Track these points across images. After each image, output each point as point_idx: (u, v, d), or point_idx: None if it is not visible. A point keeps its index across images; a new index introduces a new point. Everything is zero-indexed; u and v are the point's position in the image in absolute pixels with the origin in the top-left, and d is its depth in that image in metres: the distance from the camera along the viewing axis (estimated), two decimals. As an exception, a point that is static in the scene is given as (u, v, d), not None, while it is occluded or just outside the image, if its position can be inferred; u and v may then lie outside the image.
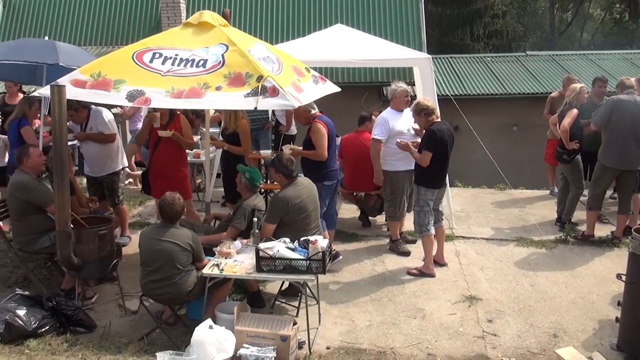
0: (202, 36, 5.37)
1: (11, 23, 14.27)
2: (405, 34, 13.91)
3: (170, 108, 6.08)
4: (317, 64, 7.24)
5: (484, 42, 28.22)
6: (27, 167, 5.50)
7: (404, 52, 8.10)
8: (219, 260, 4.74)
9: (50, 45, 6.34)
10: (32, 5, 14.36)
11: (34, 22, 14.19)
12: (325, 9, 13.97)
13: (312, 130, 6.18)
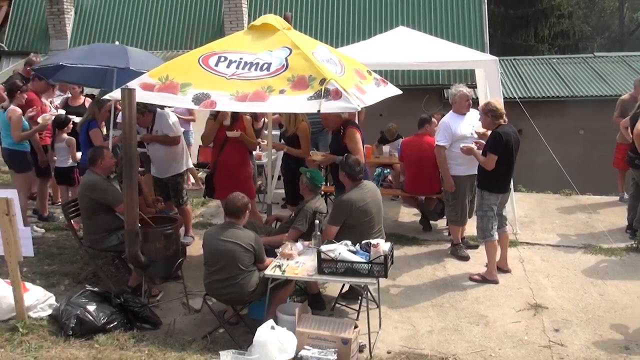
0: (266, 40, 5.43)
1: (83, 28, 14.85)
2: (468, 35, 13.69)
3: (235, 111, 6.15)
4: (379, 67, 7.21)
5: (549, 44, 27.43)
6: (99, 168, 5.69)
7: (468, 54, 7.97)
8: (281, 262, 4.79)
9: (121, 50, 6.56)
10: (102, 11, 14.91)
11: (103, 27, 14.73)
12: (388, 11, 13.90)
13: (347, 136, 6.08)
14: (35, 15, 15.35)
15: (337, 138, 6.25)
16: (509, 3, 26.59)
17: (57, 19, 14.62)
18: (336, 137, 6.26)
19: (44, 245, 6.58)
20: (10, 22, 15.45)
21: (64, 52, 7.46)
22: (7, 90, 6.97)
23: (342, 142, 6.08)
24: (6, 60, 14.94)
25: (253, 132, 6.76)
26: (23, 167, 7.05)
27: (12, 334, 4.50)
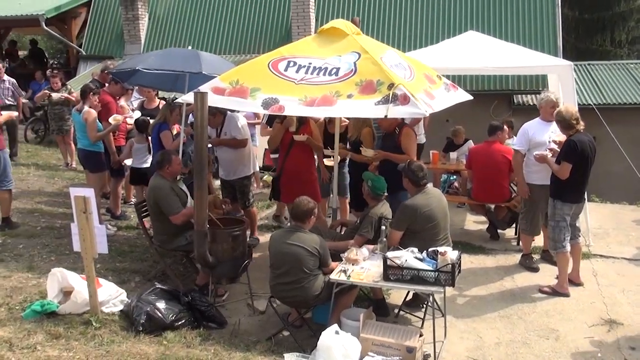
0: (335, 44, 5.44)
1: (156, 33, 15.33)
2: (540, 40, 13.30)
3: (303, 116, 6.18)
4: (448, 72, 7.11)
5: (627, 48, 26.30)
6: (166, 173, 5.82)
7: (540, 59, 7.76)
8: (346, 267, 4.77)
9: (193, 55, 6.72)
10: (174, 16, 15.34)
11: (176, 32, 15.15)
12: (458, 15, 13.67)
13: (403, 134, 6.05)
14: (111, 21, 15.96)
15: (391, 138, 6.18)
16: (583, 6, 25.67)
17: (132, 24, 15.15)
18: (390, 137, 6.20)
19: (116, 243, 6.80)
20: (88, 28, 16.12)
21: (140, 57, 7.70)
22: (80, 93, 7.27)
23: (397, 142, 6.04)
24: (83, 64, 15.58)
25: (320, 137, 6.77)
26: (97, 167, 7.33)
27: (86, 327, 4.66)
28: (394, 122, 6.05)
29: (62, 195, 8.81)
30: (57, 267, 5.19)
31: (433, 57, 7.16)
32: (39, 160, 11.39)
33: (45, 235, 6.85)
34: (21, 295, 5.13)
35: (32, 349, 4.20)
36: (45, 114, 12.38)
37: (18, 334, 4.39)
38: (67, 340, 4.42)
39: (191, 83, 6.58)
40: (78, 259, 5.93)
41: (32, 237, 6.71)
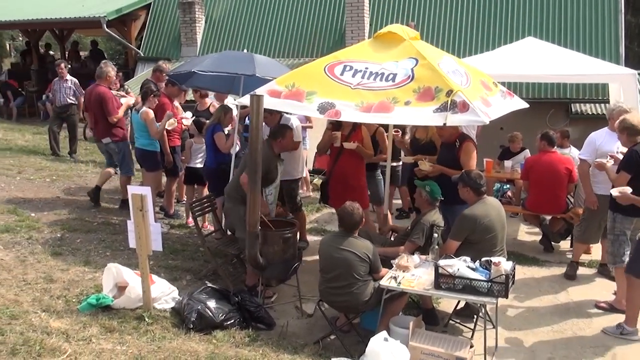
0: (392, 50, 5.40)
1: (212, 36, 15.59)
2: (601, 47, 12.90)
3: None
4: (505, 79, 6.99)
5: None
6: (276, 144, 5.91)
7: (602, 67, 7.55)
8: (397, 274, 4.73)
9: (248, 58, 6.80)
10: (230, 20, 15.57)
11: (231, 35, 15.37)
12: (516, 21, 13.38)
13: (464, 149, 5.88)
14: (169, 23, 16.32)
15: (450, 150, 6.03)
16: (647, 13, 24.82)
17: (189, 27, 15.45)
18: (449, 149, 6.05)
19: (169, 241, 6.93)
20: (147, 30, 16.53)
21: (196, 60, 7.84)
22: (141, 94, 7.44)
23: (456, 155, 5.91)
24: (141, 66, 15.97)
25: (371, 143, 6.72)
26: (153, 166, 7.49)
27: (138, 322, 4.76)
28: (455, 133, 5.95)
29: (117, 192, 9.03)
30: (112, 262, 5.33)
31: (490, 63, 7.05)
32: (97, 157, 11.69)
33: (101, 231, 7.03)
34: (78, 289, 5.27)
35: (87, 341, 4.30)
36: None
37: (74, 326, 4.51)
38: (121, 334, 4.52)
39: (246, 85, 6.67)
40: (132, 255, 6.08)
41: (89, 232, 6.90)
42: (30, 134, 13.77)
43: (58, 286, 5.26)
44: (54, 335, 4.24)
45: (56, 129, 11.24)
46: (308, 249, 7.04)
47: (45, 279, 5.34)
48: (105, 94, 7.81)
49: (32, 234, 6.51)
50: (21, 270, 5.47)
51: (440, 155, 6.18)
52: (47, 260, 5.85)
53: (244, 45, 14.73)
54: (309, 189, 9.58)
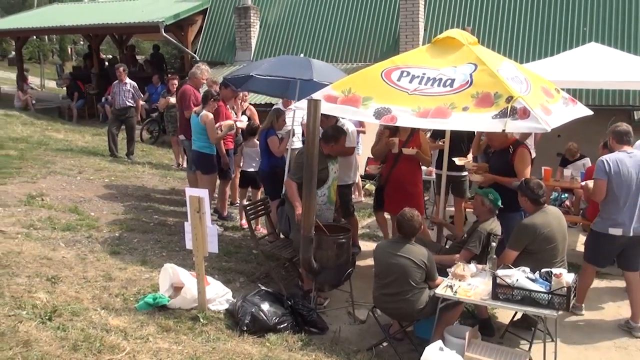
0: (450, 55, 5.34)
1: (266, 40, 15.74)
2: (666, 53, 12.42)
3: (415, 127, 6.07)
4: (566, 85, 6.79)
5: None
6: (326, 148, 5.81)
7: (668, 73, 7.25)
8: (453, 282, 4.66)
9: (305, 62, 6.84)
10: (285, 24, 15.69)
11: (285, 39, 15.49)
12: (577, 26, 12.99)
13: (518, 155, 5.75)
14: (224, 28, 16.56)
15: (503, 157, 5.91)
16: None
17: (244, 31, 15.65)
18: (501, 156, 5.92)
19: (223, 243, 7.00)
20: (202, 35, 16.83)
21: (254, 64, 7.95)
22: (202, 97, 7.58)
23: (510, 162, 5.78)
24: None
25: (429, 150, 6.64)
26: (209, 169, 7.61)
27: (193, 323, 4.82)
28: (506, 140, 5.83)
29: (173, 193, 9.23)
30: (168, 263, 5.42)
31: (551, 69, 6.87)
32: (153, 159, 12.00)
33: (157, 231, 7.18)
34: (135, 288, 5.38)
35: (144, 339, 4.38)
36: (161, 115, 13.05)
37: (132, 324, 4.60)
38: (177, 334, 4.59)
39: (302, 90, 6.69)
40: (187, 256, 6.19)
41: (146, 233, 7.05)
42: (90, 135, 14.21)
43: (116, 284, 5.38)
44: (113, 333, 4.34)
45: (115, 130, 11.55)
46: (360, 255, 7.00)
47: (105, 277, 5.48)
48: (185, 91, 8.35)
49: (92, 233, 6.70)
50: (81, 268, 5.62)
51: (492, 162, 6.07)
52: (106, 258, 6.00)
53: (297, 50, 14.82)
54: (361, 194, 9.55)
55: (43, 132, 13.57)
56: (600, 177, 5.29)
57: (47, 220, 6.78)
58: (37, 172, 9.03)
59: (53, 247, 6.02)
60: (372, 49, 14.40)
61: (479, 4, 13.91)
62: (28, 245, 5.88)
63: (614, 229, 5.26)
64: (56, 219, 6.91)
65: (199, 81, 8.52)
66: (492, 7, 13.78)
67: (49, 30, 20.37)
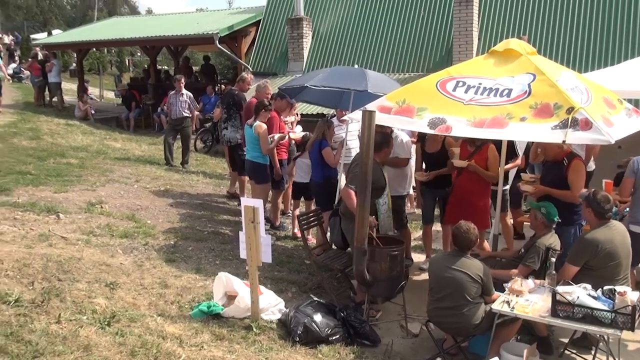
0: (508, 65, 5.27)
1: (319, 51, 15.82)
2: None
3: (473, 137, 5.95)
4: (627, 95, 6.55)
5: None
6: (377, 154, 5.75)
7: None
8: (510, 298, 4.54)
9: (360, 73, 6.84)
10: (337, 35, 15.74)
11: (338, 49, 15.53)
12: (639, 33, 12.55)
13: (572, 167, 5.58)
14: (277, 39, 16.74)
15: (556, 169, 5.73)
16: None
17: (297, 42, 15.78)
18: (555, 168, 5.74)
19: (275, 253, 6.98)
20: (256, 46, 17.05)
21: (308, 75, 7.99)
22: (254, 108, 7.66)
23: (564, 174, 5.61)
24: (250, 80, 16.46)
25: (497, 164, 6.46)
26: (263, 179, 7.68)
27: (247, 332, 4.86)
28: (560, 152, 5.67)
29: (226, 202, 9.35)
30: (222, 271, 5.49)
31: (613, 78, 6.65)
32: (207, 168, 12.20)
33: (211, 240, 7.28)
34: (190, 295, 5.47)
35: (199, 347, 4.44)
36: (214, 125, 13.27)
37: (187, 332, 4.67)
38: (230, 342, 4.63)
39: (356, 101, 6.69)
40: (240, 265, 6.25)
41: (200, 241, 7.16)
42: (146, 144, 14.57)
43: (172, 292, 5.47)
44: (169, 340, 4.41)
45: (171, 140, 11.80)
46: (412, 267, 6.92)
47: (160, 284, 5.58)
48: (250, 105, 8.36)
49: (148, 240, 6.84)
50: (138, 275, 5.75)
51: (544, 175, 5.92)
52: (162, 266, 6.11)
53: (350, 60, 14.83)
54: (414, 206, 9.46)
55: (102, 141, 13.99)
56: (628, 175, 5.47)
57: (106, 228, 6.97)
58: (96, 180, 9.30)
59: (111, 253, 6.18)
60: (425, 59, 14.28)
61: (535, 12, 13.61)
62: (88, 251, 6.05)
63: (635, 225, 5.33)
64: (114, 226, 7.09)
65: (264, 94, 8.58)
66: (548, 15, 13.45)
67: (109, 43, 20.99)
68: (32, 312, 4.40)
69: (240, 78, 9.69)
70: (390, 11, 15.31)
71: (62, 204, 7.59)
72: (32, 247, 5.88)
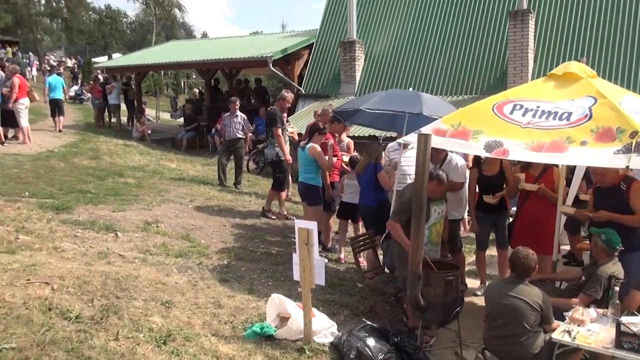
0: (567, 88, 5.18)
1: (371, 73, 15.91)
2: None
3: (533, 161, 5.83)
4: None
5: None
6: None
7: None
8: (571, 327, 4.40)
9: (415, 96, 6.83)
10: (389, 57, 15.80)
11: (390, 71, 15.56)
12: None
13: (633, 190, 5.36)
14: (330, 62, 16.92)
15: (613, 195, 5.51)
16: None
17: (349, 65, 15.91)
18: (612, 194, 5.53)
19: (326, 275, 6.93)
20: (308, 68, 17.27)
21: (363, 97, 8.03)
22: (309, 130, 7.73)
23: (625, 199, 5.41)
24: (302, 102, 16.66)
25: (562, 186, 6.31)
26: (315, 201, 7.71)
27: (299, 354, 4.84)
28: (617, 177, 5.48)
29: (278, 224, 9.41)
30: (274, 293, 5.51)
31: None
32: (259, 189, 12.32)
33: (263, 261, 7.33)
34: (243, 316, 5.50)
35: (252, 368, 4.46)
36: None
37: (240, 352, 4.69)
38: (283, 364, 4.63)
39: (410, 124, 6.67)
40: (292, 286, 6.26)
41: (253, 262, 7.22)
42: (200, 165, 14.86)
43: (225, 312, 5.52)
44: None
45: (225, 161, 12.00)
46: (466, 293, 6.78)
47: (214, 304, 5.64)
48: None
49: (202, 260, 6.93)
50: (193, 294, 5.82)
51: (601, 202, 5.66)
52: (216, 286, 6.18)
53: (402, 82, 14.85)
54: (467, 229, 9.30)
55: (158, 162, 14.36)
56: None
57: (162, 246, 7.11)
58: (152, 199, 9.52)
59: (167, 272, 6.28)
60: (479, 82, 14.16)
61: (594, 33, 13.34)
62: (144, 269, 6.18)
63: None
64: (170, 245, 7.23)
65: (323, 118, 8.67)
66: (607, 36, 13.16)
67: (166, 66, 21.67)
68: (92, 329, 4.50)
69: (280, 96, 9.93)
70: (443, 33, 15.30)
71: (120, 222, 7.79)
72: (92, 264, 6.05)
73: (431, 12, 15.77)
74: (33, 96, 14.14)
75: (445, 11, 15.55)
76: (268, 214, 9.61)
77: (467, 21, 15.05)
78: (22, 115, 13.62)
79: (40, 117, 18.60)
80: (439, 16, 15.58)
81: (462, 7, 15.30)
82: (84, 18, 59.36)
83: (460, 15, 15.24)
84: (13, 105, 13.25)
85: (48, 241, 6.55)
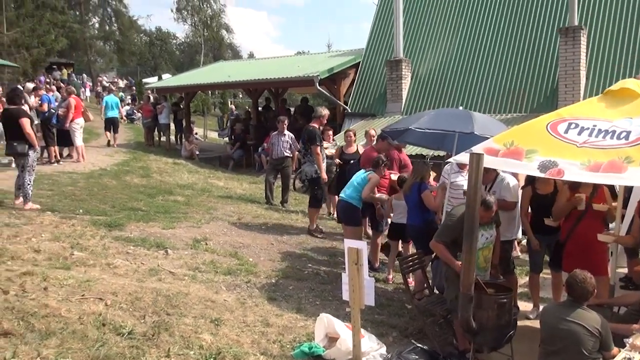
0: (625, 106, 5.05)
1: (417, 92, 15.83)
2: None
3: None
4: None
5: None
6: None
7: None
8: (632, 354, 4.22)
9: (466, 115, 6.74)
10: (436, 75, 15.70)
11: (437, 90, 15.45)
12: None
13: None
14: (376, 80, 16.93)
15: None
16: None
17: (395, 84, 15.87)
18: None
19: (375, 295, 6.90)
20: (354, 87, 17.31)
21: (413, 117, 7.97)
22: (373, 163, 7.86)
23: None
24: (348, 121, 16.69)
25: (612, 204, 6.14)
26: (353, 222, 7.70)
27: (348, 376, 4.80)
28: None
29: (325, 242, 9.40)
30: (322, 312, 5.49)
31: None
32: (305, 207, 12.30)
33: (311, 280, 7.31)
34: (291, 335, 5.49)
35: (301, 388, 4.43)
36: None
37: (289, 372, 4.69)
38: (332, 385, 4.59)
39: (460, 143, 6.59)
40: (340, 306, 6.23)
41: (300, 280, 7.21)
42: (247, 183, 15.02)
43: (274, 330, 5.52)
44: (272, 379, 4.44)
45: (272, 179, 12.08)
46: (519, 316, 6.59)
47: (263, 323, 5.65)
48: (370, 155, 8.53)
49: (250, 278, 6.97)
50: (241, 312, 5.85)
51: None
52: (264, 304, 6.20)
53: (448, 101, 14.73)
54: (518, 250, 9.09)
55: (206, 180, 14.58)
56: None
57: (211, 264, 7.18)
58: (201, 217, 9.66)
59: (216, 290, 6.34)
60: (528, 99, 13.92)
61: (648, 50, 12.99)
62: (194, 287, 6.24)
63: None
64: (218, 262, 7.30)
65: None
66: (663, 53, 12.81)
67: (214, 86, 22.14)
68: (144, 345, 4.57)
69: (318, 114, 10.05)
70: (491, 51, 15.13)
71: (170, 239, 7.92)
72: (143, 281, 6.15)
73: (479, 29, 15.63)
74: (87, 116, 14.64)
75: (493, 28, 15.39)
76: (314, 233, 9.62)
77: (517, 38, 14.85)
78: (77, 134, 14.11)
79: (92, 137, 19.20)
80: (487, 33, 15.43)
81: (511, 24, 15.11)
82: (135, 40, 61.19)
83: (509, 32, 15.06)
84: (69, 125, 13.73)
85: (101, 257, 6.71)
